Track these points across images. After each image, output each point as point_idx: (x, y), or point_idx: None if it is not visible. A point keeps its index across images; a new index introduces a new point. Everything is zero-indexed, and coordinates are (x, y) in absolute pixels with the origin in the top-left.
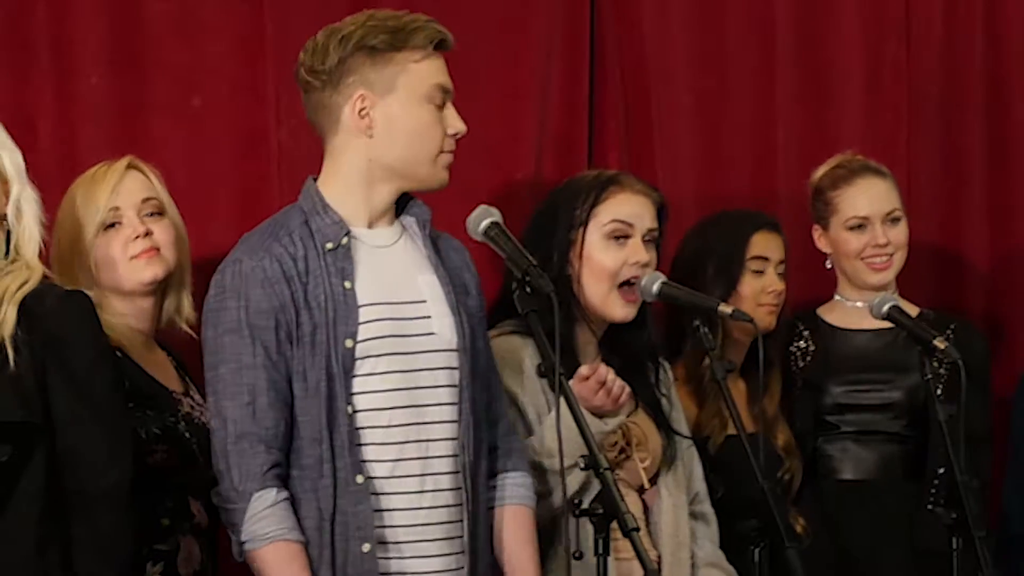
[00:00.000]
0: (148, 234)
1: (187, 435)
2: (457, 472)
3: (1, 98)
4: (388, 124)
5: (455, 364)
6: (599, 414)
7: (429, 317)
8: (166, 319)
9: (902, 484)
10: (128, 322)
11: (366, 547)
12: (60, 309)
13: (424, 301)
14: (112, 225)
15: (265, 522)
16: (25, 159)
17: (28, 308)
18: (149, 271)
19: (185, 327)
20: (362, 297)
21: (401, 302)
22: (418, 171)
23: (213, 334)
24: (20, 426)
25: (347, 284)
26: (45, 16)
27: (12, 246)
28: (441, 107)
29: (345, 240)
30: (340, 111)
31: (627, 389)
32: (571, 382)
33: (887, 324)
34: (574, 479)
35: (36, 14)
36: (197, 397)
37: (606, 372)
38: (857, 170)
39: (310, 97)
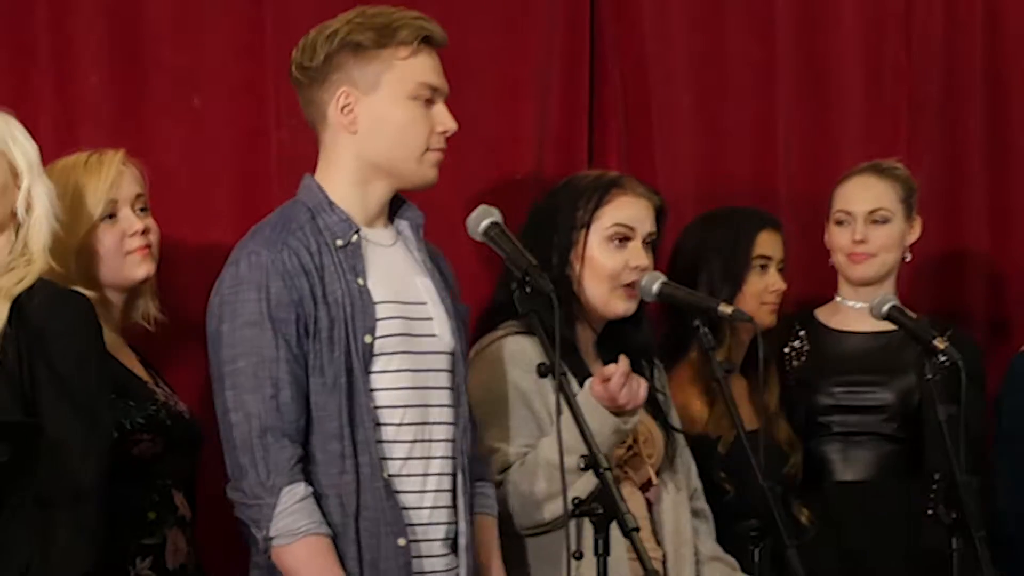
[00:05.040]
0: (145, 231)
1: (168, 423)
2: (452, 474)
3: (1, 98)
4: (373, 121)
5: (452, 367)
6: (619, 412)
7: (431, 319)
8: (133, 318)
9: (898, 485)
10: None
11: (402, 542)
12: (48, 306)
13: (425, 303)
14: (109, 216)
15: (296, 516)
16: None
17: (20, 304)
18: (143, 268)
19: (147, 325)
20: (375, 295)
21: (408, 302)
22: (402, 168)
23: (229, 327)
24: (20, 426)
25: (360, 281)
26: (45, 16)
27: (20, 238)
28: (430, 104)
29: (355, 238)
30: (326, 107)
31: (645, 383)
32: (592, 384)
33: (882, 327)
34: (587, 480)
35: (36, 14)
36: (165, 388)
37: (628, 365)
38: (862, 169)
39: (301, 93)
